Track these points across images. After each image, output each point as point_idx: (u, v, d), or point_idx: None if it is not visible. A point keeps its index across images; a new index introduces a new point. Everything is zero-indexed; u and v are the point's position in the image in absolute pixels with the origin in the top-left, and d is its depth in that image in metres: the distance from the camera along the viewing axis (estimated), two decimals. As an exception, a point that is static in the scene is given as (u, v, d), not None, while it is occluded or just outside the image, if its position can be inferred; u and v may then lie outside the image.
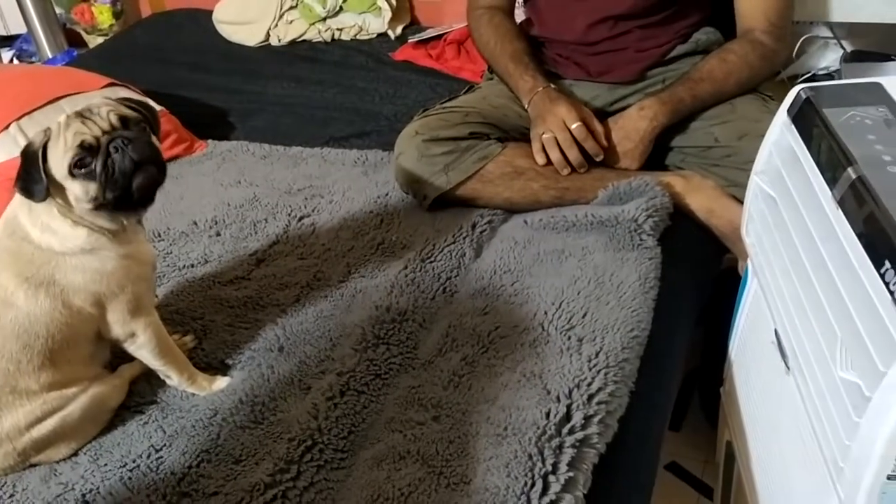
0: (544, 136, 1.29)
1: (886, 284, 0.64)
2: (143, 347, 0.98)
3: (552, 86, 1.35)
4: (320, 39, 2.08)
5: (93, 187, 0.89)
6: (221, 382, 1.03)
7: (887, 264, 0.65)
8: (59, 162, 0.88)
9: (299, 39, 2.09)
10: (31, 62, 2.38)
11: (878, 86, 0.85)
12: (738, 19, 1.37)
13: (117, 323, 0.96)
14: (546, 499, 0.80)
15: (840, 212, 0.73)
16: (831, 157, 0.77)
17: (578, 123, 1.27)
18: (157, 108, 1.61)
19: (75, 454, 0.97)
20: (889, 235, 0.66)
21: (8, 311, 0.90)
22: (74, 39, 2.45)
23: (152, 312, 1.00)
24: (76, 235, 0.92)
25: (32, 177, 0.88)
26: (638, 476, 0.94)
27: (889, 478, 0.66)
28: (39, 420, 0.93)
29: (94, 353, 0.99)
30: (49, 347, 0.92)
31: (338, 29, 2.08)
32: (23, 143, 1.45)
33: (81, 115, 0.89)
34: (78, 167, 0.88)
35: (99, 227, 0.92)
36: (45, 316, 0.91)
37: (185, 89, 1.88)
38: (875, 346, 0.65)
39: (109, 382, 0.99)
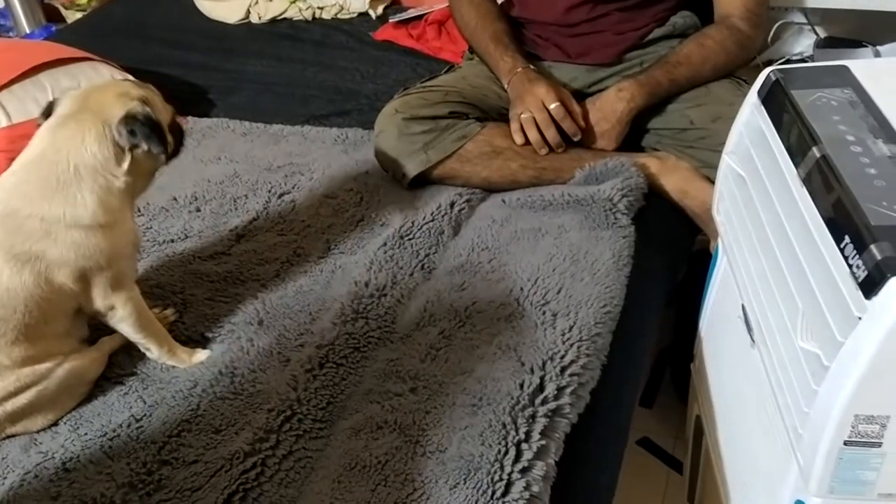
0: (523, 116, 1.31)
1: (846, 259, 0.67)
2: (123, 321, 0.99)
3: (531, 67, 1.37)
4: (301, 18, 2.07)
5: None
6: (201, 355, 1.04)
7: (847, 239, 0.68)
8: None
9: (279, 17, 2.08)
10: (9, 37, 2.35)
11: (845, 68, 0.88)
12: (716, 5, 1.39)
13: (98, 297, 0.97)
14: (519, 465, 0.83)
15: (804, 190, 0.76)
16: (798, 137, 0.80)
17: (557, 104, 1.29)
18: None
19: (55, 424, 0.97)
20: (849, 212, 0.69)
21: None
22: (52, 14, 2.43)
23: (133, 287, 1.01)
24: (95, 209, 0.93)
25: (163, 139, 0.97)
26: (608, 445, 0.97)
27: (846, 443, 0.69)
28: (13, 395, 0.94)
29: (70, 329, 0.99)
30: (25, 322, 0.92)
31: (318, 7, 2.07)
32: (1, 116, 1.44)
33: (149, 93, 0.99)
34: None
35: (118, 204, 0.95)
36: (24, 291, 0.91)
37: (164, 66, 1.87)
38: (834, 318, 0.68)
39: (87, 355, 1.00)
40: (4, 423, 0.95)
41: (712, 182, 1.24)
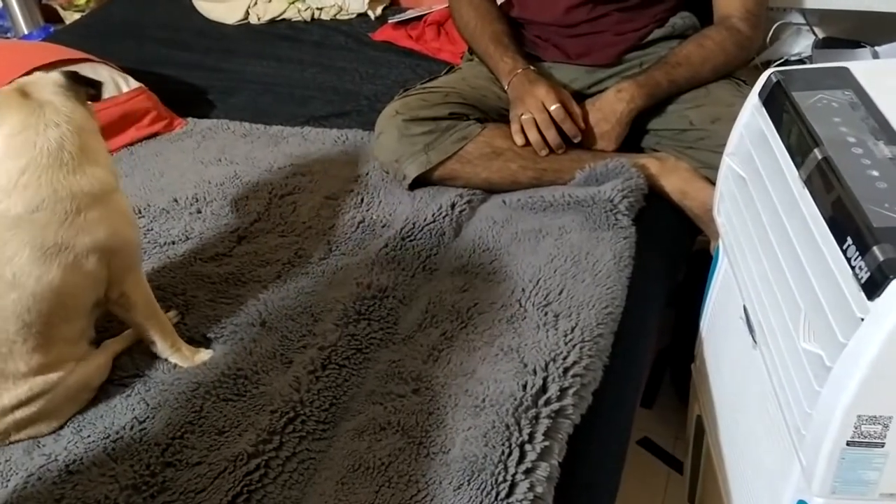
0: (523, 117, 1.31)
1: (848, 260, 0.68)
2: (134, 308, 1.00)
3: (531, 68, 1.37)
4: (300, 19, 2.07)
5: None
6: (205, 355, 1.04)
7: (849, 241, 0.68)
8: None
9: (278, 18, 2.08)
10: (7, 38, 2.35)
11: (846, 70, 0.89)
12: (716, 6, 1.40)
13: (114, 282, 0.97)
14: (522, 466, 0.83)
15: (806, 191, 0.77)
16: (799, 139, 0.80)
17: (557, 105, 1.29)
18: (136, 84, 1.61)
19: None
20: (851, 213, 0.69)
21: (11, 293, 0.90)
22: (50, 15, 2.42)
23: (142, 275, 1.02)
24: (110, 168, 0.98)
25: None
26: (611, 445, 0.97)
27: (848, 444, 0.69)
28: (23, 403, 0.94)
29: (84, 329, 0.99)
30: (49, 325, 0.93)
31: (317, 8, 2.07)
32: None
33: None
34: None
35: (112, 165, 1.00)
36: (51, 291, 0.91)
37: (163, 67, 1.87)
38: (836, 319, 0.68)
39: (93, 362, 1.00)
40: (10, 431, 0.95)
41: (712, 183, 1.24)
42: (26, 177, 0.91)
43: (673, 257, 1.29)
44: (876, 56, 1.50)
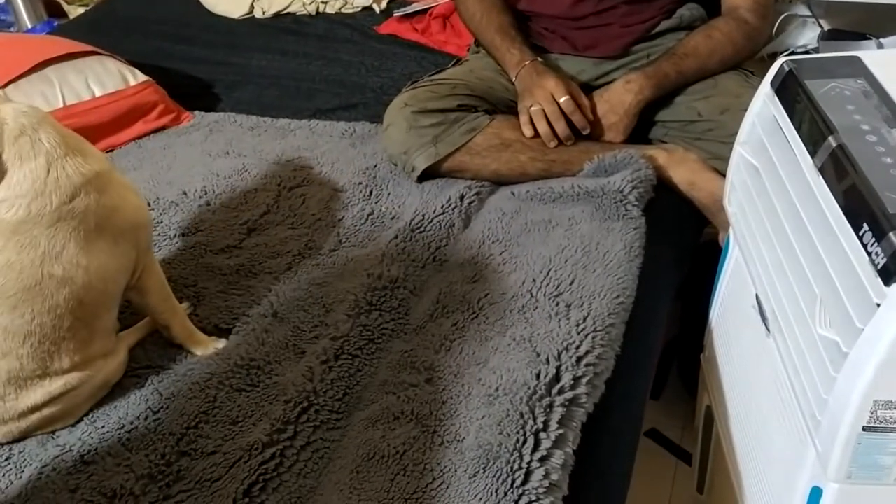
0: (532, 108, 1.31)
1: (864, 246, 0.68)
2: (150, 291, 1.00)
3: (539, 59, 1.37)
4: (305, 12, 2.07)
5: None
6: (218, 343, 1.05)
7: (865, 227, 0.68)
8: None
9: (283, 12, 2.08)
10: (10, 33, 2.35)
11: (857, 59, 0.89)
12: None
13: (136, 264, 0.98)
14: (538, 454, 0.83)
15: (821, 178, 0.77)
16: (812, 127, 0.81)
17: (567, 97, 1.29)
18: (143, 77, 1.61)
19: (72, 420, 0.98)
20: (867, 200, 0.69)
21: (62, 289, 0.90)
22: (54, 9, 2.42)
23: (154, 258, 1.03)
24: (99, 151, 0.97)
25: None
26: (623, 433, 0.97)
27: (864, 429, 0.70)
28: (55, 399, 0.93)
29: (114, 321, 1.00)
30: (95, 316, 0.93)
31: (322, 2, 2.07)
32: (8, 111, 1.44)
33: None
34: None
35: None
36: (98, 280, 0.92)
37: (168, 61, 1.87)
38: (853, 305, 0.69)
39: (116, 360, 1.00)
40: (33, 429, 0.95)
41: (720, 173, 1.25)
42: (53, 172, 0.91)
43: (682, 248, 1.29)
44: (881, 48, 1.50)
